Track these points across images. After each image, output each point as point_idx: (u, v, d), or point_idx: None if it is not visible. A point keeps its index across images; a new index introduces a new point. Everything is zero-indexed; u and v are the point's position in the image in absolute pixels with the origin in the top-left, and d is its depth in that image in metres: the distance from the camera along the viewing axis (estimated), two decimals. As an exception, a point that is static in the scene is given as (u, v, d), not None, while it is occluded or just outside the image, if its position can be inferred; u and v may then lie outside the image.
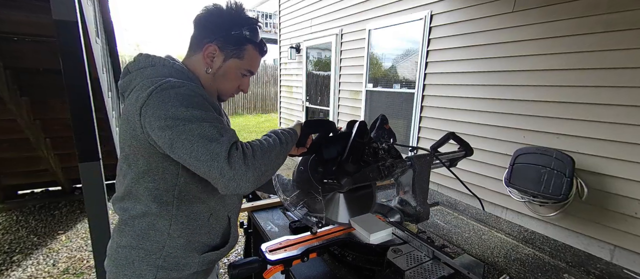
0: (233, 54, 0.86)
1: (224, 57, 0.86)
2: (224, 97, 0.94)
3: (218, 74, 0.87)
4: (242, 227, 1.34)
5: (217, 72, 0.87)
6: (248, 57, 0.88)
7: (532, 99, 2.38)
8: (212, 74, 0.87)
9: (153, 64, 0.80)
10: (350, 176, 0.88)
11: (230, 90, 0.92)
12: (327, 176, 0.90)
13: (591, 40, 2.05)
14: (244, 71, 0.89)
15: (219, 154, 0.66)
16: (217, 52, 0.85)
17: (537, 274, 0.96)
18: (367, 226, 0.97)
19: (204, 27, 0.85)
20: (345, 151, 0.87)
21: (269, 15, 15.66)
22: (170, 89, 0.71)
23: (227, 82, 0.90)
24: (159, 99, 0.70)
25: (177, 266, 0.82)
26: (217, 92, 0.91)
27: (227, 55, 0.86)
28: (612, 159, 2.03)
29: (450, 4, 2.91)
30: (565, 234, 2.30)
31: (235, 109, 12.11)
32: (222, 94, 0.93)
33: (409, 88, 3.50)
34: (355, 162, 0.88)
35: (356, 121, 0.93)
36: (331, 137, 0.94)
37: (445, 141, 1.21)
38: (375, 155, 0.96)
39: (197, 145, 0.66)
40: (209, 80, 0.88)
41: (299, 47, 5.67)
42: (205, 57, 0.86)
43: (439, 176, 3.07)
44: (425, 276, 0.80)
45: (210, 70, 0.87)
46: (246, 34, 0.85)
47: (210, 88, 0.90)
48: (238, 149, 0.69)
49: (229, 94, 0.93)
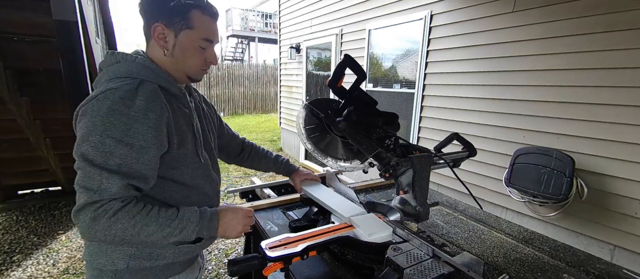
0: (181, 25, 0.82)
1: (175, 33, 0.83)
2: (194, 76, 0.91)
3: (176, 53, 0.85)
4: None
5: (174, 51, 0.85)
6: (198, 23, 0.84)
7: (532, 99, 2.38)
8: (171, 55, 0.85)
9: (118, 60, 0.81)
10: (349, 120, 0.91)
11: (196, 66, 0.89)
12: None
13: (591, 40, 2.05)
14: (200, 41, 0.86)
15: (80, 205, 0.71)
16: (166, 30, 0.82)
17: (537, 274, 0.96)
18: (367, 225, 0.97)
19: (146, 12, 0.83)
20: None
21: (269, 15, 15.67)
22: (104, 101, 0.72)
23: (189, 59, 0.87)
24: (88, 111, 0.73)
25: (149, 255, 0.86)
26: (186, 74, 0.89)
27: (176, 29, 0.83)
28: (612, 159, 2.03)
29: (450, 4, 2.91)
30: (565, 234, 2.30)
31: (235, 109, 12.11)
32: (191, 74, 0.90)
33: (409, 88, 3.50)
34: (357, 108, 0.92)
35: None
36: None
37: (449, 142, 1.21)
38: (380, 140, 0.98)
39: (77, 185, 0.73)
40: (171, 63, 0.87)
41: (299, 47, 5.67)
42: (157, 41, 0.84)
43: (439, 176, 3.07)
44: (425, 274, 0.80)
45: (167, 51, 0.85)
46: (187, 0, 0.82)
47: (177, 71, 0.88)
48: (98, 209, 0.71)
49: (197, 71, 0.90)
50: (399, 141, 1.04)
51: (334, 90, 1.00)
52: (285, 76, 6.45)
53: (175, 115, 0.83)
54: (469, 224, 1.30)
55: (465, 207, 1.47)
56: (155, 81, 0.81)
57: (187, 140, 0.87)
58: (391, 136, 1.02)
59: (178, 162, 0.85)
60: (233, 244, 2.90)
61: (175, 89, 0.87)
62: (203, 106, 1.06)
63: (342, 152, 1.03)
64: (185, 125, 0.87)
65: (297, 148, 6.10)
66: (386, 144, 1.00)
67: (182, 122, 0.86)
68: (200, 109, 1.02)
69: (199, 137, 0.92)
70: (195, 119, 0.93)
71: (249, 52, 16.78)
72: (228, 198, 4.02)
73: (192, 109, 0.94)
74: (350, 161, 1.04)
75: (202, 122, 0.99)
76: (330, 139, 1.02)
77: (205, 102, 1.11)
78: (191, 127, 0.90)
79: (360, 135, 0.94)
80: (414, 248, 0.90)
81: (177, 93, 0.87)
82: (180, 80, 0.91)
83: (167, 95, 0.84)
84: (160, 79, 0.83)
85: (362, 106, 0.98)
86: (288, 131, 6.47)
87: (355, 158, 1.05)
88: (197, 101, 1.02)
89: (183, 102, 0.90)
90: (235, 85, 11.98)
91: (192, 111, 0.93)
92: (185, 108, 0.90)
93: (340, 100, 1.04)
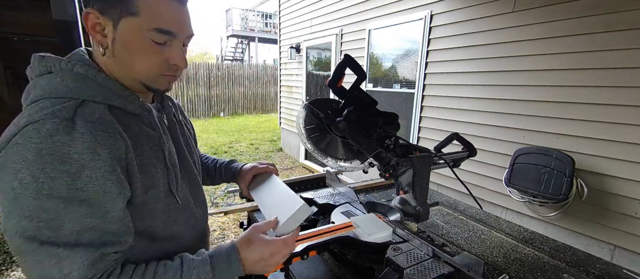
0: (121, 11, 0.57)
1: (113, 22, 0.57)
2: (151, 83, 0.65)
3: (117, 50, 0.60)
4: (241, 227, 1.34)
5: (114, 48, 0.59)
6: (146, 7, 0.57)
7: (532, 99, 2.38)
8: (111, 54, 0.60)
9: (49, 69, 0.59)
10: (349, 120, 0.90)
11: (150, 70, 0.62)
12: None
13: (591, 40, 2.05)
14: (151, 33, 0.59)
15: None
16: (102, 18, 0.58)
17: (537, 274, 0.96)
18: (367, 225, 0.97)
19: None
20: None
21: (269, 15, 15.68)
22: (26, 144, 0.49)
23: (138, 59, 0.61)
24: (8, 164, 0.49)
25: None
26: (138, 81, 0.64)
27: (114, 16, 0.57)
28: (612, 159, 2.03)
29: (450, 4, 2.91)
30: (565, 234, 2.30)
31: (235, 109, 12.12)
32: (147, 80, 0.64)
33: (409, 88, 3.50)
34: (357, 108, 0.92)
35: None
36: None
37: (449, 142, 1.21)
38: (380, 140, 0.98)
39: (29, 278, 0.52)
40: (115, 65, 0.62)
41: (299, 47, 5.67)
42: (94, 35, 0.59)
43: (439, 176, 3.07)
44: (425, 274, 0.80)
45: (106, 50, 0.60)
46: None
47: (126, 78, 0.63)
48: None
49: (153, 77, 0.64)
50: (399, 141, 1.04)
51: (334, 90, 1.00)
52: (285, 76, 6.45)
53: (136, 145, 0.61)
54: (469, 224, 1.30)
55: (465, 208, 1.47)
56: (103, 98, 0.59)
57: (157, 177, 0.64)
58: (391, 136, 1.02)
59: (146, 212, 0.63)
60: (233, 244, 2.90)
61: (134, 105, 0.63)
62: (180, 117, 0.83)
63: (342, 152, 1.03)
64: (152, 157, 0.64)
65: (297, 148, 6.10)
66: (386, 144, 1.00)
67: (147, 154, 0.63)
68: (175, 124, 0.77)
69: (174, 169, 0.69)
70: (167, 144, 0.69)
71: (249, 52, 16.79)
72: (228, 198, 4.02)
73: (163, 129, 0.70)
74: (350, 161, 1.04)
75: (179, 143, 0.76)
76: (330, 139, 1.02)
77: (181, 114, 0.86)
78: (161, 157, 0.66)
79: (360, 135, 0.94)
80: (414, 248, 0.90)
81: (137, 111, 0.64)
82: (136, 89, 0.65)
83: (122, 116, 0.61)
84: (111, 94, 0.60)
85: (362, 106, 0.98)
86: (288, 131, 6.47)
87: (355, 158, 1.05)
88: (172, 114, 0.78)
89: (148, 121, 0.67)
90: (235, 85, 11.99)
91: (163, 132, 0.69)
92: (152, 129, 0.67)
93: (340, 100, 1.04)
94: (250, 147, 6.93)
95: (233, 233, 3.08)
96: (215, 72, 11.47)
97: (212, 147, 6.82)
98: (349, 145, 1.03)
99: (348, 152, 1.04)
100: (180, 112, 0.85)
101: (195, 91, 11.03)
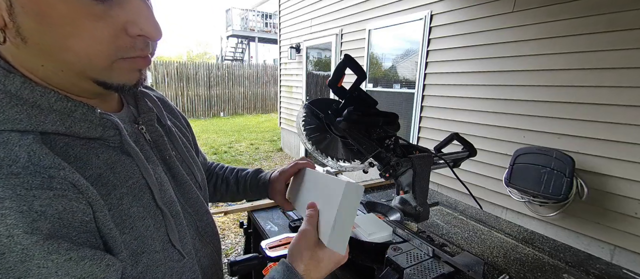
0: None
1: None
2: (106, 77, 0.39)
3: (25, 26, 0.33)
4: (241, 227, 1.34)
5: (18, 23, 0.33)
6: None
7: (532, 99, 2.38)
8: (17, 36, 0.33)
9: None
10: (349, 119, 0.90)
11: (95, 49, 0.35)
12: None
13: (591, 40, 2.05)
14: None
15: None
16: None
17: (537, 274, 0.96)
18: (367, 225, 0.97)
19: None
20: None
21: (269, 15, 15.69)
22: None
23: (66, 35, 0.34)
24: None
25: None
26: (84, 74, 0.38)
27: None
28: (612, 159, 2.03)
29: (450, 4, 2.91)
30: (565, 235, 2.30)
31: (235, 109, 12.12)
32: (93, 70, 0.37)
33: (409, 88, 3.50)
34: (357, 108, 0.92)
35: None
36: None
37: (449, 142, 1.21)
38: (380, 140, 0.98)
39: None
40: (32, 57, 0.35)
41: (299, 47, 5.67)
42: None
43: (439, 176, 3.07)
44: (425, 274, 0.80)
45: (6, 29, 0.33)
46: None
47: (64, 76, 0.37)
48: None
49: (102, 63, 0.37)
50: (399, 141, 1.04)
51: (334, 90, 1.00)
52: (285, 75, 6.45)
53: (107, 191, 0.40)
54: (469, 224, 1.30)
55: (465, 208, 1.47)
56: (28, 124, 0.35)
57: (148, 232, 0.43)
58: (391, 136, 1.02)
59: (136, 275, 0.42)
60: (233, 244, 2.90)
61: (87, 124, 0.40)
62: (166, 121, 0.57)
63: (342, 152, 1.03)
64: (134, 201, 0.43)
65: (297, 148, 6.10)
66: (386, 144, 1.00)
67: (127, 199, 0.42)
68: (162, 136, 0.53)
69: (171, 209, 0.48)
70: (154, 172, 0.47)
71: (249, 52, 16.79)
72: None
73: (144, 150, 0.48)
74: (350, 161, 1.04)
75: (174, 164, 0.53)
76: (330, 139, 1.02)
77: (170, 112, 0.62)
78: (148, 197, 0.45)
79: (360, 135, 0.94)
80: (414, 248, 0.90)
81: (95, 133, 0.41)
82: (85, 93, 0.41)
83: (71, 147, 0.38)
84: (40, 112, 0.36)
85: (363, 106, 0.98)
86: (288, 131, 6.47)
87: (355, 158, 1.05)
88: (154, 120, 0.53)
89: (118, 144, 0.44)
90: (235, 85, 11.99)
91: (145, 155, 0.47)
92: (126, 155, 0.44)
93: (340, 100, 1.04)
94: (250, 147, 6.93)
95: (233, 232, 3.08)
96: (215, 72, 11.47)
97: (212, 147, 6.82)
98: (349, 145, 1.03)
99: (348, 152, 1.04)
100: (168, 111, 0.61)
101: (195, 91, 11.03)
